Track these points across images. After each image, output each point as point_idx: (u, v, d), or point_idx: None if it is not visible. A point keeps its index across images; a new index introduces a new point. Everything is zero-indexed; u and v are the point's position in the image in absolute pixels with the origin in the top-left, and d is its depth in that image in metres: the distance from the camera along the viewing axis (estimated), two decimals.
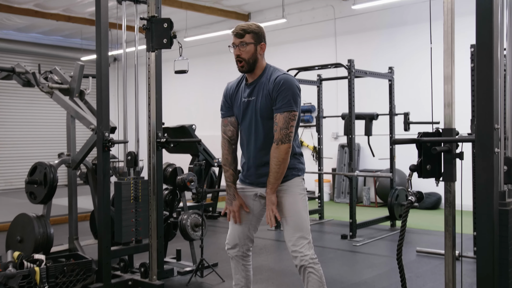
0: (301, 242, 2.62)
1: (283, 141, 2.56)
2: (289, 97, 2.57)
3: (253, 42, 2.66)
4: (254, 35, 2.67)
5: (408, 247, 5.16)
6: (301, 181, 2.73)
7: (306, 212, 2.69)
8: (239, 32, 2.67)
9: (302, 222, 2.65)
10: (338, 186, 9.10)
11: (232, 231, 2.86)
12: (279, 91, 2.58)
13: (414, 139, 2.24)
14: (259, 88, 2.67)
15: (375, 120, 6.34)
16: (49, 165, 4.23)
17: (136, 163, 4.17)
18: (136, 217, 4.01)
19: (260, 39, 2.70)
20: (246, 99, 2.70)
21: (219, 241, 5.77)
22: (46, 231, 4.14)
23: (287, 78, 2.61)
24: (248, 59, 2.67)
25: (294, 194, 2.67)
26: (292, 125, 2.58)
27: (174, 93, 12.04)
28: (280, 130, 2.56)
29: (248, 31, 2.66)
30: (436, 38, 2.99)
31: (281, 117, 2.56)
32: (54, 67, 4.71)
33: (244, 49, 2.66)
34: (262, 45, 2.70)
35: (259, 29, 2.71)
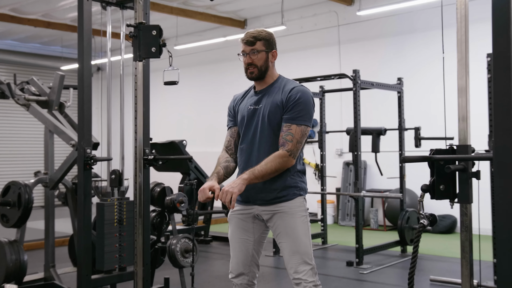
0: (304, 269, 2.62)
1: (294, 155, 2.62)
2: (306, 111, 2.65)
3: (265, 50, 2.76)
4: (265, 42, 2.76)
5: (420, 276, 5.13)
6: (303, 201, 2.73)
7: (308, 236, 2.68)
8: (250, 39, 2.74)
9: (303, 246, 2.65)
10: (343, 207, 9.07)
11: (235, 258, 2.83)
12: (296, 102, 2.64)
13: (425, 156, 2.24)
14: (268, 96, 2.75)
15: (383, 135, 6.35)
16: (24, 185, 4.20)
17: (120, 182, 4.15)
18: (120, 242, 3.98)
19: (272, 46, 2.79)
20: (252, 106, 2.77)
21: (212, 268, 5.72)
22: (19, 258, 4.10)
23: (305, 91, 2.71)
24: (260, 66, 2.76)
25: (295, 217, 2.67)
26: (303, 141, 2.65)
27: (163, 106, 12.07)
28: (297, 143, 2.61)
29: (259, 38, 2.75)
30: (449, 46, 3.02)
31: (299, 129, 2.62)
32: (31, 77, 4.71)
33: (256, 57, 2.74)
34: (273, 52, 2.80)
35: (270, 35, 2.80)
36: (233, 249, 2.82)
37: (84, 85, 3.70)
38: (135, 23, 3.59)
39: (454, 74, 2.26)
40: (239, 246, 2.80)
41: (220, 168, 2.79)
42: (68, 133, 4.08)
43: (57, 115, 4.48)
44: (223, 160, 2.85)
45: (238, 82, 11.01)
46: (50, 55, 12.66)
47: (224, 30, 10.68)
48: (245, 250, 2.79)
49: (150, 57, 3.60)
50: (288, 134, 2.62)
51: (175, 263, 4.41)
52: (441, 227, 7.74)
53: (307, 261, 2.64)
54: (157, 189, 5.24)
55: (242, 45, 2.76)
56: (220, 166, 2.81)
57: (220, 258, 6.31)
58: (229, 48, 11.00)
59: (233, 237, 2.82)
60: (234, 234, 2.81)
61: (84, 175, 3.67)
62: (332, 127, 7.85)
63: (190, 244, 4.45)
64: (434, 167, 2.23)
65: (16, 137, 12.37)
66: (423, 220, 2.27)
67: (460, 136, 2.26)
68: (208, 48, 11.09)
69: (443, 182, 2.22)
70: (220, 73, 11.38)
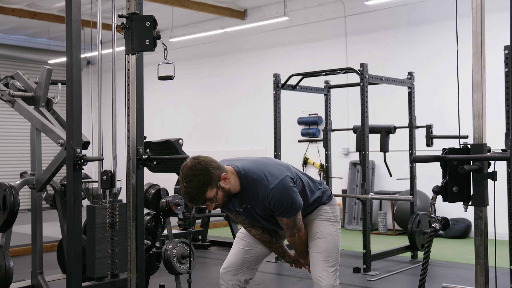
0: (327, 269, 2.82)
1: (298, 231, 2.86)
2: (289, 206, 2.71)
3: (215, 190, 2.58)
4: (210, 187, 2.56)
5: (432, 283, 5.13)
6: (329, 209, 2.97)
7: (334, 238, 2.90)
8: (195, 201, 2.58)
9: (329, 247, 2.88)
10: (350, 210, 9.08)
11: (234, 254, 2.97)
12: (277, 207, 2.69)
13: (438, 156, 2.24)
14: (248, 199, 2.74)
15: (392, 133, 6.35)
16: (9, 186, 4.21)
17: (112, 183, 4.15)
18: (113, 247, 3.98)
19: (216, 177, 2.57)
20: (240, 208, 2.81)
21: (210, 275, 5.73)
22: (5, 265, 4.10)
23: (276, 192, 2.64)
24: (224, 201, 2.65)
25: (317, 223, 2.93)
26: (300, 217, 2.83)
27: (158, 103, 12.07)
28: (292, 228, 2.83)
29: (203, 192, 2.54)
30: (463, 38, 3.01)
31: (289, 220, 2.79)
32: (16, 71, 4.71)
33: (217, 199, 2.61)
34: (222, 177, 2.60)
35: (206, 171, 2.55)
36: (236, 242, 3.00)
37: (73, 80, 3.70)
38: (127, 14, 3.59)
39: (469, 67, 2.27)
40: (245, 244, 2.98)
41: (279, 243, 3.06)
42: (56, 131, 4.09)
43: (45, 112, 4.48)
44: (266, 236, 3.01)
45: (237, 77, 11.10)
46: (36, 47, 12.65)
47: (222, 21, 10.68)
48: (250, 250, 2.96)
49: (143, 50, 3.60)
50: (283, 224, 2.82)
51: (171, 269, 4.42)
52: (454, 231, 7.74)
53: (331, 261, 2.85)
54: (152, 191, 5.25)
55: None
56: (278, 242, 3.05)
57: (219, 264, 6.29)
58: (227, 41, 11.01)
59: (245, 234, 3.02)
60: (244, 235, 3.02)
61: (73, 176, 3.68)
62: (338, 125, 7.85)
63: (187, 249, 4.46)
64: (447, 167, 2.24)
65: (0, 136, 12.38)
66: (435, 224, 2.28)
67: (475, 134, 2.26)
68: (206, 41, 11.09)
69: (457, 183, 2.22)
70: (218, 67, 11.39)
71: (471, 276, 5.01)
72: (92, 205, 3.96)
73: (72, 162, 3.67)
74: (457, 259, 6.33)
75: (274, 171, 2.69)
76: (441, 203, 2.27)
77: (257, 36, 10.53)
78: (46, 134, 4.18)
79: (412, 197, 6.27)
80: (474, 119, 2.25)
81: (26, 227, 5.48)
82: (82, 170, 3.74)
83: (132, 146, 3.83)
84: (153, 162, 3.85)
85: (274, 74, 6.51)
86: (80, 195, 3.76)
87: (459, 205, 2.29)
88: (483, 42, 2.24)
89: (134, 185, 3.85)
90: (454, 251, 6.83)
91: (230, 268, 2.91)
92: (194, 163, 2.58)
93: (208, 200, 2.58)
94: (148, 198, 5.15)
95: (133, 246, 3.83)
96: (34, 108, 4.46)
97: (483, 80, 2.25)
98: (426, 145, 6.22)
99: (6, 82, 4.59)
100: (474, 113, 2.26)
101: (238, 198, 2.73)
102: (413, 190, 6.37)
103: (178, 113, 12.06)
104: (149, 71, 4.70)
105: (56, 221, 4.46)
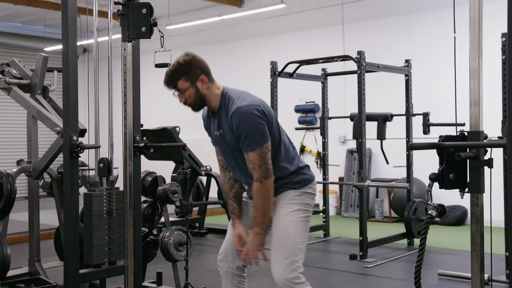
0: (281, 260, 2.68)
1: (266, 177, 2.65)
2: (251, 133, 2.61)
3: (190, 85, 2.72)
4: (186, 77, 2.71)
5: (428, 269, 5.16)
6: (297, 195, 2.78)
7: (293, 227, 2.72)
8: (169, 83, 2.75)
9: (284, 237, 2.71)
10: (346, 198, 9.11)
11: (226, 240, 2.95)
12: (239, 130, 2.63)
13: (434, 143, 2.24)
14: (223, 121, 2.74)
15: (389, 121, 6.35)
16: (5, 174, 4.20)
17: (109, 171, 4.15)
18: (110, 235, 3.99)
19: (196, 74, 2.72)
20: (217, 132, 2.79)
21: (207, 262, 5.75)
22: (2, 252, 4.11)
23: (240, 113, 2.62)
24: (194, 102, 2.77)
25: (280, 208, 2.77)
26: (269, 157, 2.65)
27: (155, 90, 12.00)
28: (260, 167, 2.63)
29: (177, 77, 2.71)
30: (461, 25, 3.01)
31: (255, 154, 2.63)
32: (12, 59, 4.69)
33: (185, 95, 2.74)
34: (201, 78, 2.73)
35: (188, 64, 2.72)
36: (228, 228, 2.96)
37: (69, 68, 3.68)
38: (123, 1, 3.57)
39: (466, 55, 2.26)
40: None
41: (233, 203, 2.90)
42: (53, 119, 4.07)
43: (41, 99, 4.46)
44: (228, 189, 2.93)
45: (233, 64, 11.06)
46: (32, 35, 12.58)
47: (219, 9, 10.62)
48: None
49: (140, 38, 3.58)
50: (249, 162, 2.66)
51: (168, 256, 4.43)
52: (451, 218, 7.78)
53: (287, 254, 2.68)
54: (149, 178, 5.25)
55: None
56: (232, 200, 2.90)
57: (216, 252, 6.31)
58: (224, 28, 10.96)
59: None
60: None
61: (70, 163, 3.67)
62: (335, 112, 7.85)
63: (184, 236, 4.47)
64: (443, 154, 2.24)
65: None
66: (431, 211, 2.29)
67: (472, 121, 2.26)
68: (202, 28, 11.04)
69: (453, 170, 2.23)
70: (215, 55, 11.33)
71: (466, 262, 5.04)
72: (89, 193, 3.96)
73: (69, 149, 3.66)
74: (453, 246, 6.37)
75: (251, 98, 2.68)
76: (437, 190, 2.28)
77: (254, 24, 10.48)
78: (42, 121, 4.17)
79: (408, 185, 6.29)
80: (471, 107, 2.25)
81: (23, 214, 5.48)
82: (79, 158, 3.74)
83: (129, 133, 3.82)
84: (150, 149, 3.84)
85: (271, 62, 6.49)
86: (77, 182, 3.75)
87: (455, 192, 2.30)
88: (481, 30, 2.24)
89: (131, 172, 3.85)
90: (450, 238, 6.87)
91: (224, 254, 2.92)
92: (185, 54, 2.76)
93: (179, 90, 2.74)
94: (145, 186, 5.15)
95: (130, 233, 3.84)
96: (30, 95, 4.44)
97: (480, 67, 2.25)
98: (423, 132, 6.23)
99: (1, 70, 4.56)
100: (471, 100, 2.26)
101: (217, 117, 2.75)
102: (409, 178, 6.39)
103: (175, 101, 11.90)
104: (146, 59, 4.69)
105: (53, 208, 4.46)
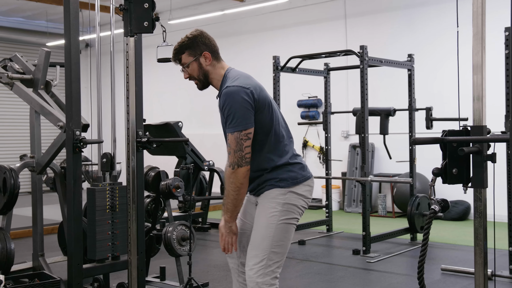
0: (253, 262, 2.63)
1: (239, 165, 2.58)
2: (233, 115, 2.57)
3: (193, 59, 2.79)
4: (189, 51, 2.79)
5: (431, 265, 5.17)
6: (281, 193, 2.67)
7: (271, 229, 2.63)
8: (174, 57, 2.84)
9: (259, 239, 2.64)
10: (349, 193, 9.10)
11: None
12: (223, 109, 2.62)
13: (437, 138, 2.24)
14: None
15: (392, 116, 6.35)
16: (9, 169, 4.21)
17: (112, 166, 4.16)
18: (113, 230, 4.00)
19: (199, 50, 2.79)
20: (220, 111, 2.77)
21: (210, 257, 5.76)
22: (6, 247, 4.12)
23: (227, 92, 2.61)
24: (198, 77, 2.82)
25: (262, 207, 2.70)
26: (247, 145, 2.59)
27: (157, 86, 12.04)
28: (234, 152, 2.57)
29: (181, 51, 2.80)
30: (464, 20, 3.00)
31: (232, 138, 2.58)
32: (14, 53, 4.69)
33: (189, 70, 2.81)
34: (204, 54, 2.79)
35: (193, 39, 2.80)
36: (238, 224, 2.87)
37: (72, 63, 3.68)
38: None
39: (469, 50, 2.25)
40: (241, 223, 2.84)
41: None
42: (56, 114, 4.08)
43: (43, 94, 4.47)
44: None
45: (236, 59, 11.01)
46: (34, 30, 12.57)
47: (221, 4, 10.60)
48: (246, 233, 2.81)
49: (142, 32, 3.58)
50: (228, 145, 2.62)
51: (172, 251, 4.44)
52: (454, 213, 7.78)
53: (259, 256, 2.61)
54: (152, 173, 5.26)
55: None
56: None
57: (219, 247, 6.34)
58: (226, 23, 10.93)
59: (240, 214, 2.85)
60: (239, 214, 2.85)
61: (73, 158, 3.68)
62: (337, 107, 7.84)
63: (187, 231, 4.48)
64: (446, 149, 2.24)
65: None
66: (434, 206, 2.28)
67: (475, 116, 2.25)
68: (204, 23, 11.00)
69: (456, 165, 2.22)
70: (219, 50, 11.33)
71: (470, 257, 5.04)
72: (92, 188, 3.97)
73: (72, 144, 3.67)
74: (456, 241, 6.36)
75: (246, 81, 2.67)
76: (440, 185, 2.27)
77: (257, 19, 10.46)
78: (45, 116, 4.17)
79: (411, 180, 6.28)
80: (474, 101, 2.25)
81: (26, 209, 5.50)
82: (81, 153, 3.74)
83: (132, 128, 3.82)
84: (153, 144, 3.85)
85: (274, 57, 6.48)
86: (80, 177, 3.76)
87: (458, 187, 2.29)
88: (484, 24, 2.23)
89: (134, 167, 3.85)
90: (453, 233, 6.86)
91: None
92: (195, 30, 2.84)
93: (183, 64, 2.81)
94: (148, 181, 5.17)
95: (134, 228, 3.85)
96: (33, 90, 4.44)
97: (483, 61, 2.24)
98: (425, 127, 6.22)
99: (4, 65, 4.57)
100: (474, 95, 2.25)
101: (219, 97, 2.76)
102: (412, 173, 6.39)
103: (177, 96, 12.02)
104: (148, 54, 4.68)
105: (56, 203, 4.47)
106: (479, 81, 2.24)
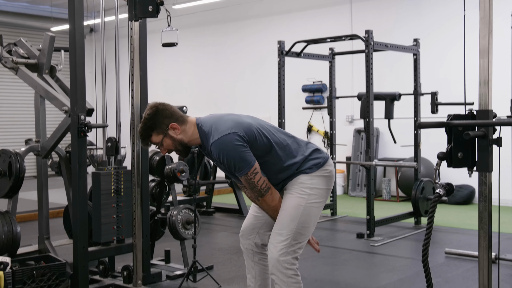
0: (277, 240, 2.68)
1: (261, 195, 2.70)
2: (233, 162, 2.60)
3: (163, 136, 2.72)
4: (156, 131, 2.72)
5: (435, 248, 5.18)
6: (308, 178, 2.75)
7: (299, 211, 2.70)
8: (142, 141, 2.78)
9: (288, 219, 2.70)
10: (354, 177, 9.11)
11: (247, 219, 2.96)
12: (221, 161, 2.64)
13: (443, 122, 2.23)
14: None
15: (397, 100, 6.32)
16: (14, 153, 4.23)
17: (117, 150, 4.16)
18: (118, 213, 4.02)
19: (164, 125, 2.71)
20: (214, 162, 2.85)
21: (215, 241, 5.79)
22: (12, 230, 4.15)
23: (217, 145, 2.60)
24: (176, 148, 2.76)
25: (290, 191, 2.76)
26: (259, 178, 2.66)
27: (162, 70, 12.01)
28: (252, 190, 2.69)
29: (148, 134, 2.73)
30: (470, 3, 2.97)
31: (243, 180, 2.67)
32: (19, 38, 4.68)
33: (165, 146, 2.75)
34: (171, 126, 2.71)
35: (154, 118, 2.70)
36: (251, 207, 2.96)
37: (76, 47, 3.67)
38: None
39: (476, 34, 2.23)
40: (255, 210, 2.92)
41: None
42: (60, 98, 4.08)
43: (48, 79, 4.46)
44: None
45: (241, 44, 11.00)
46: (38, 15, 12.52)
47: None
48: (258, 216, 2.90)
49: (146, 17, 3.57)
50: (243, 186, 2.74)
51: (176, 235, 4.47)
52: (458, 197, 7.78)
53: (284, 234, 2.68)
54: (156, 157, 5.27)
55: None
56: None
57: (223, 230, 6.38)
58: (231, 8, 10.87)
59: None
60: None
61: (78, 143, 3.69)
62: (342, 92, 7.80)
63: (192, 215, 4.50)
64: (451, 133, 2.23)
65: (4, 104, 12.37)
66: (439, 190, 2.28)
67: (481, 100, 2.24)
68: (209, 8, 10.94)
69: (461, 149, 2.22)
70: (222, 35, 11.28)
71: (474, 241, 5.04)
72: (97, 172, 3.98)
73: (77, 129, 3.68)
74: (460, 225, 6.37)
75: (221, 126, 2.63)
76: (445, 170, 2.27)
77: (261, 3, 10.39)
78: (50, 101, 4.18)
79: (416, 164, 6.27)
80: (480, 86, 2.23)
81: (32, 193, 5.52)
82: (86, 137, 3.75)
83: (136, 113, 3.83)
84: None
85: (279, 41, 6.45)
86: (85, 162, 3.77)
87: (463, 171, 2.29)
88: (491, 7, 2.20)
89: (139, 152, 3.87)
90: (458, 217, 6.87)
91: (243, 232, 2.94)
92: (148, 108, 2.75)
93: (155, 143, 2.76)
94: (153, 165, 5.17)
95: (138, 212, 3.87)
96: (37, 75, 4.44)
97: (490, 45, 2.22)
98: (431, 112, 6.19)
99: (9, 49, 4.56)
100: (480, 79, 2.24)
101: (205, 151, 2.77)
102: (417, 157, 6.38)
103: (181, 81, 12.00)
104: (153, 39, 4.65)
105: (61, 187, 4.49)
106: (485, 65, 2.23)
